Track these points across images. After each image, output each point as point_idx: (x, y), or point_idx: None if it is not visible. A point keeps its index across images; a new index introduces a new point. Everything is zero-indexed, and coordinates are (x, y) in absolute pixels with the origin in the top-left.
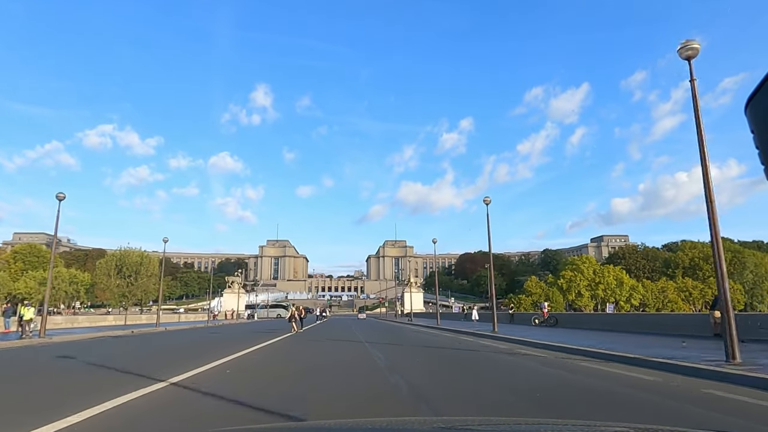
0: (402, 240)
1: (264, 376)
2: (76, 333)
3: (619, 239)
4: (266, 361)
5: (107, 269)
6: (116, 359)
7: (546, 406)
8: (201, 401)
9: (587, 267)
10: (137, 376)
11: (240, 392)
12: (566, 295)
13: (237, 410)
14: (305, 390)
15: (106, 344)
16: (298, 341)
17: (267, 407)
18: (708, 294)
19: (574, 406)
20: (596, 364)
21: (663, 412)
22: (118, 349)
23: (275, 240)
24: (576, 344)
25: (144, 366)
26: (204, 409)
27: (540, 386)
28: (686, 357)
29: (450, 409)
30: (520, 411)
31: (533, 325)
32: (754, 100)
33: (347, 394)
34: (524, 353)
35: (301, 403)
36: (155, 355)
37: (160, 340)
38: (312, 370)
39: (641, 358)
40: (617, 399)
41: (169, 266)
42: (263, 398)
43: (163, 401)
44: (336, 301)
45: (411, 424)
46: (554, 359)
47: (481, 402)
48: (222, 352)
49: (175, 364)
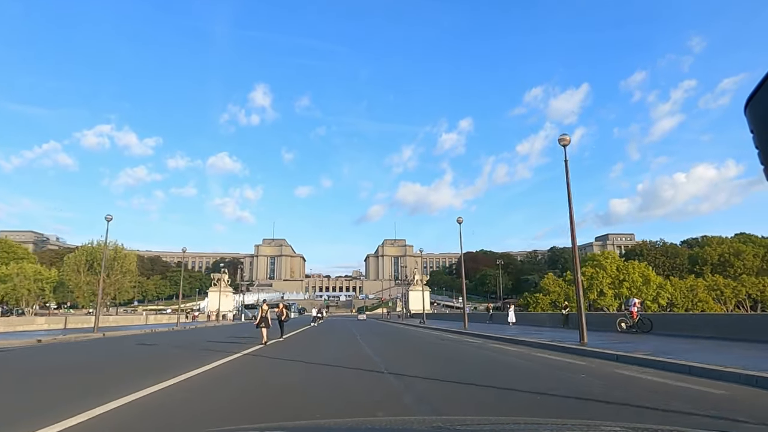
0: (401, 239)
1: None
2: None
3: (625, 238)
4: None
5: (76, 265)
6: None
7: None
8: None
9: (610, 263)
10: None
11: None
12: (587, 293)
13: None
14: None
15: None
16: (255, 367)
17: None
18: (742, 292)
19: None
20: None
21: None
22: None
23: (271, 239)
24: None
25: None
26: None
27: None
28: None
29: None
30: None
31: (619, 331)
32: (754, 100)
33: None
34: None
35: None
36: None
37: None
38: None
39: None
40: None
41: (159, 265)
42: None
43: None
44: (334, 301)
45: (411, 424)
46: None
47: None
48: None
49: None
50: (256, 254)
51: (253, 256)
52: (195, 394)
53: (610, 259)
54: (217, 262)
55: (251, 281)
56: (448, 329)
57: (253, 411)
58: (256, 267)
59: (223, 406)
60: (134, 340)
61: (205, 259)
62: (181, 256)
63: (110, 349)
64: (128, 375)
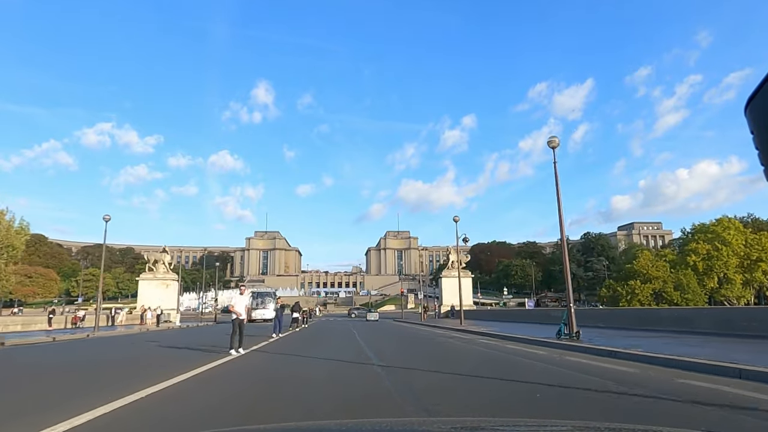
0: (405, 231)
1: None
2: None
3: (653, 226)
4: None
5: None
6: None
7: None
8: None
9: (734, 237)
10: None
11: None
12: (704, 280)
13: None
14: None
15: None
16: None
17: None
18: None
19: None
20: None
21: None
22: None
23: (264, 231)
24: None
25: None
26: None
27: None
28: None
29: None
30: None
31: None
32: (754, 101)
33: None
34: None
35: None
36: None
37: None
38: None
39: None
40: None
41: (130, 257)
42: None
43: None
44: (332, 298)
45: (411, 425)
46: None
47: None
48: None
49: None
50: (247, 247)
51: (245, 250)
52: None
53: (733, 230)
54: (205, 256)
55: (241, 277)
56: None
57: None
58: (248, 261)
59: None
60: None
61: (191, 253)
62: (159, 249)
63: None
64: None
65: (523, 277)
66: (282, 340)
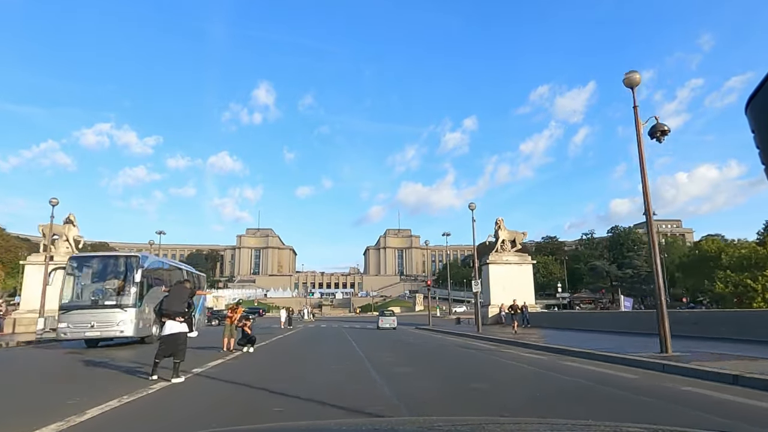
0: (406, 229)
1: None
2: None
3: (672, 224)
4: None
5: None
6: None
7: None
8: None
9: None
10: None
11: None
12: None
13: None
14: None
15: None
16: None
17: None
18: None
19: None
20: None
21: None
22: None
23: (256, 228)
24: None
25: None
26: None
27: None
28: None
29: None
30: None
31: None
32: (755, 100)
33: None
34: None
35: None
36: None
37: None
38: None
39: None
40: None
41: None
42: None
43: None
44: (329, 299)
45: (410, 425)
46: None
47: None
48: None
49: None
50: (238, 245)
51: (235, 248)
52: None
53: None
54: (193, 254)
55: (231, 276)
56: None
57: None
58: (239, 260)
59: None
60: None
61: (179, 251)
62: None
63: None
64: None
65: (546, 276)
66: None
